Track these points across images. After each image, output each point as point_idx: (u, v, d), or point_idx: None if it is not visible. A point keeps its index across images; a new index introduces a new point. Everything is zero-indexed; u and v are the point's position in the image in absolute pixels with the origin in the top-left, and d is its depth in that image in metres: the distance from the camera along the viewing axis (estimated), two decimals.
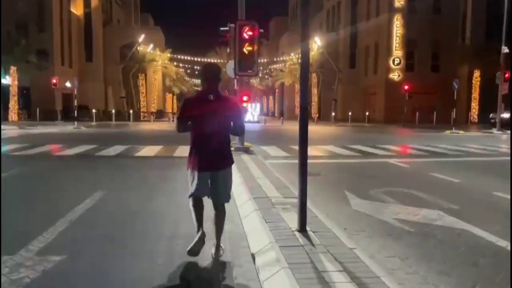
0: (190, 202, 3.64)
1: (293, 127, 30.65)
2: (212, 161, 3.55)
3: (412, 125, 31.50)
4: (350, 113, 36.03)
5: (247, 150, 10.60)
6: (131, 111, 34.61)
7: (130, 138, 17.82)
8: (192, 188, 3.58)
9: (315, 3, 51.54)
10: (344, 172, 8.86)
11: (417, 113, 32.88)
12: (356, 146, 13.72)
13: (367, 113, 35.84)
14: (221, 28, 12.36)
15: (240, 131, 3.72)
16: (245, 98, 9.66)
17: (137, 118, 37.56)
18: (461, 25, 38.74)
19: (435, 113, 33.13)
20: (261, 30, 9.82)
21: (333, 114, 35.75)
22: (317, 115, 38.98)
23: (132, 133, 21.37)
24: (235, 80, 12.03)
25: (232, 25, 10.67)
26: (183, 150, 10.26)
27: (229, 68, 12.30)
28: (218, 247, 3.69)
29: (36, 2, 35.14)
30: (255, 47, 9.69)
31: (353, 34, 44.15)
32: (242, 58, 9.51)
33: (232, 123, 3.58)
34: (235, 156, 4.06)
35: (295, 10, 65.28)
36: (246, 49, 9.50)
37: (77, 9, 42.58)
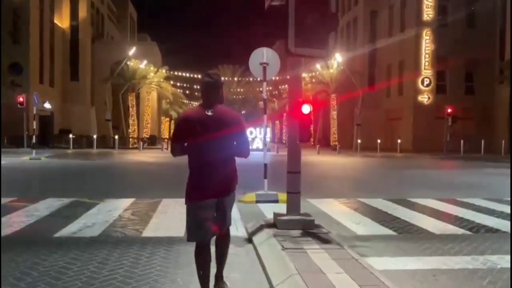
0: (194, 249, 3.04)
1: (314, 157, 25.55)
2: (218, 186, 3.01)
3: (457, 155, 26.04)
4: (379, 141, 30.61)
5: (308, 225, 4.87)
6: (116, 137, 29.01)
7: (95, 178, 12.24)
8: (195, 230, 2.97)
9: None
10: None
11: (461, 141, 27.41)
12: (472, 200, 8.11)
13: (399, 141, 30.36)
14: None
15: (245, 150, 3.17)
16: (305, 108, 4.31)
17: (125, 144, 32.04)
18: (499, 41, 33.86)
19: (482, 141, 27.65)
20: None
21: (359, 141, 30.22)
22: (336, 143, 33.58)
23: (106, 168, 15.78)
24: (264, 84, 6.67)
25: None
26: (165, 213, 6.52)
27: (256, 58, 6.92)
28: (220, 278, 3.22)
29: (11, 9, 30.17)
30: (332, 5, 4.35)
31: (372, 52, 39.33)
32: (305, 22, 4.11)
33: (235, 141, 3.09)
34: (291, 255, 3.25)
35: None
36: (314, 5, 4.17)
37: (62, 21, 37.76)
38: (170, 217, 6.03)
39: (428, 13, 33.45)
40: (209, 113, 3.01)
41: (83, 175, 12.96)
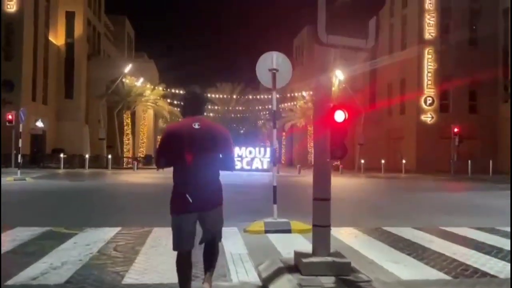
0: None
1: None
2: (201, 200, 3.02)
3: (464, 176, 24.97)
4: (383, 161, 29.55)
5: (342, 270, 3.57)
6: (109, 156, 27.77)
7: (79, 202, 11.05)
8: (176, 239, 3.06)
9: None
10: None
11: (469, 162, 26.35)
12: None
13: (404, 161, 29.28)
14: None
15: (230, 165, 3.22)
16: (339, 114, 3.25)
17: (119, 164, 30.78)
18: (502, 59, 33.31)
19: (491, 162, 26.62)
20: None
21: (362, 161, 29.13)
22: (339, 163, 32.41)
23: (94, 190, 14.57)
24: (273, 93, 5.62)
25: None
26: (156, 247, 5.35)
27: (264, 63, 5.89)
28: (209, 280, 3.22)
29: (4, 23, 29.35)
30: None
31: (372, 70, 38.72)
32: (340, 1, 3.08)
33: (221, 155, 3.11)
34: None
35: (300, 50, 61.09)
36: None
37: (58, 39, 36.99)
38: (162, 253, 4.87)
39: (430, 32, 32.97)
40: (196, 127, 3.01)
41: (67, 198, 11.72)
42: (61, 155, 26.29)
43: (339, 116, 3.65)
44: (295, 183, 18.97)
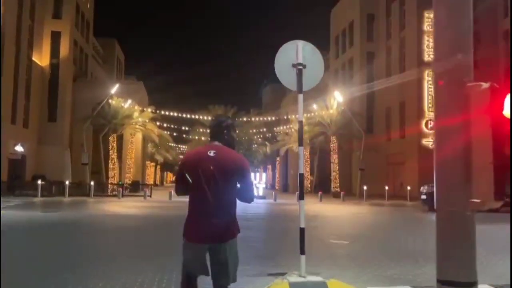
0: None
1: (318, 205, 22.07)
2: (213, 231, 2.87)
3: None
4: (387, 188, 27.87)
5: None
6: (92, 183, 25.61)
7: (38, 243, 8.99)
8: (186, 263, 2.97)
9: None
10: None
11: None
12: None
13: (408, 188, 27.60)
14: None
15: (248, 196, 3.02)
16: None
17: (104, 191, 28.58)
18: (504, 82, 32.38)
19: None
20: None
21: (364, 188, 27.35)
22: (338, 189, 30.73)
23: (65, 223, 12.48)
24: (299, 97, 3.94)
25: None
26: None
27: (285, 56, 4.23)
28: None
29: None
30: None
31: (370, 94, 37.60)
32: None
33: (238, 185, 2.97)
34: None
35: None
36: None
37: (42, 59, 35.35)
38: None
39: (429, 53, 32.01)
40: (211, 154, 2.96)
41: (25, 237, 9.63)
42: (39, 182, 24.05)
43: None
44: (297, 212, 17.06)
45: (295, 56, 4.34)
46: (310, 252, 6.56)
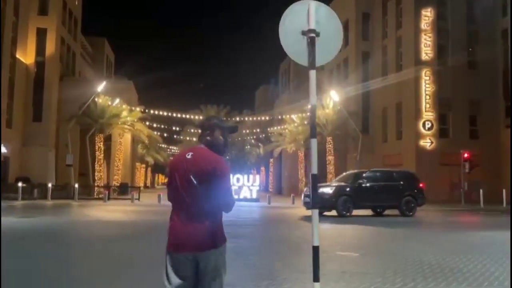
0: None
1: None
2: (193, 239, 2.59)
3: (476, 206, 22.51)
4: None
5: None
6: (76, 186, 24.34)
7: None
8: (164, 280, 2.65)
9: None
10: None
11: (480, 191, 23.95)
12: None
13: None
14: None
15: (222, 202, 2.63)
16: None
17: (89, 194, 27.30)
18: (503, 82, 31.76)
19: (504, 191, 24.25)
20: None
21: None
22: None
23: (38, 232, 11.30)
24: (311, 74, 2.87)
25: None
26: None
27: (293, 21, 3.20)
28: None
29: None
30: None
31: (365, 94, 36.78)
32: None
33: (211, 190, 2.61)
34: None
35: (287, 74, 59.51)
36: None
37: (27, 57, 33.97)
38: None
39: (426, 52, 31.28)
40: (188, 157, 2.74)
41: None
42: (19, 185, 22.76)
43: None
44: (299, 216, 15.98)
45: (306, 20, 3.27)
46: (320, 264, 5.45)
